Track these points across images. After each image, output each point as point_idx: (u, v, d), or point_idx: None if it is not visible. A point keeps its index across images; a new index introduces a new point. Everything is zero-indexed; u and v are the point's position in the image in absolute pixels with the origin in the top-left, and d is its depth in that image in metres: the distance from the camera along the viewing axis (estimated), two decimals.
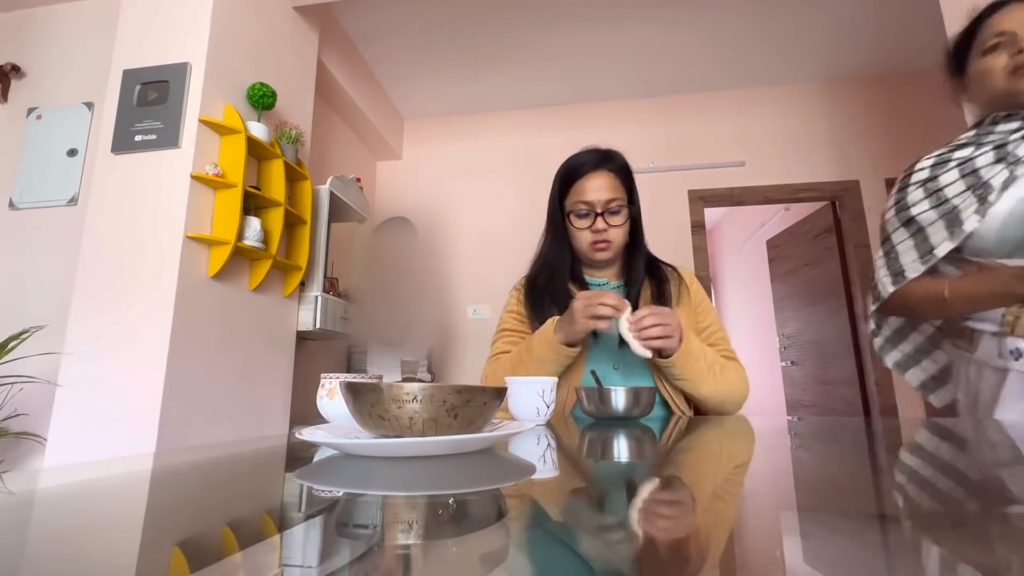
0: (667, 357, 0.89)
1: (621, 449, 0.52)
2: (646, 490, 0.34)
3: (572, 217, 1.07)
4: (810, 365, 3.89)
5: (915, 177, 1.00)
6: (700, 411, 0.99)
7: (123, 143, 1.87)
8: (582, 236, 1.07)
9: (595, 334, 1.00)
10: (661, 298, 1.03)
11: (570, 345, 0.92)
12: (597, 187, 1.05)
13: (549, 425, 0.73)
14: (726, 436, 0.62)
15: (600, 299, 0.87)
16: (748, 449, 0.54)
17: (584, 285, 1.10)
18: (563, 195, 1.10)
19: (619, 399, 0.75)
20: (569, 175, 1.09)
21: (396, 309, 2.72)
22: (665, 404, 0.97)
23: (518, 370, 0.95)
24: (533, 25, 3.05)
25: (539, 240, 1.16)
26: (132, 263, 1.77)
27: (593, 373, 0.87)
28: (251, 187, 2.01)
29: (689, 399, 0.98)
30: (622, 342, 0.89)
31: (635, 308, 0.99)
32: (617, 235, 1.06)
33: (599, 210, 1.04)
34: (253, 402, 2.07)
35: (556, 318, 0.95)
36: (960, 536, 0.23)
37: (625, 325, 0.85)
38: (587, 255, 1.08)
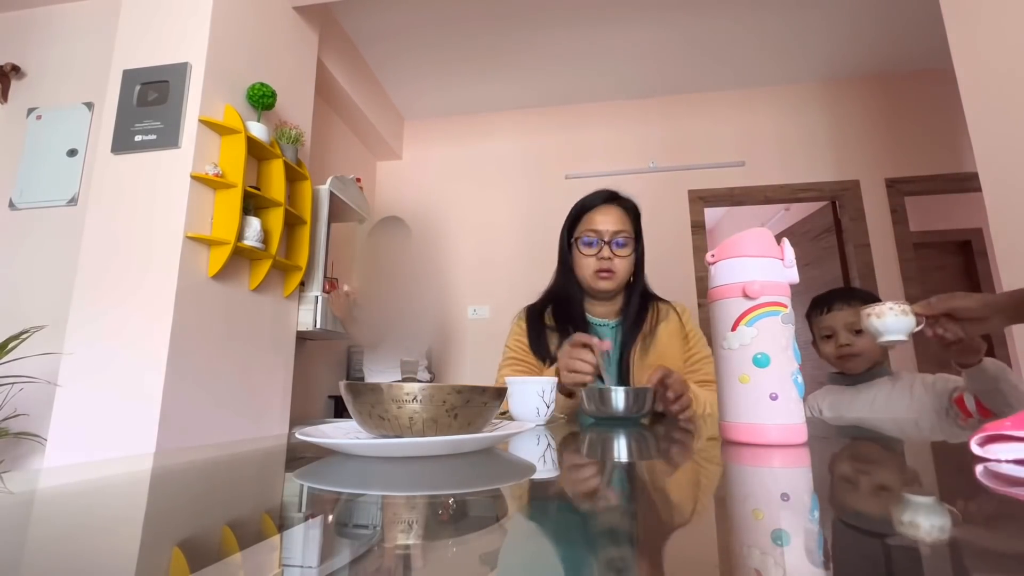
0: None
1: (622, 450, 0.52)
2: (647, 490, 0.34)
3: (579, 244, 1.08)
4: (809, 366, 3.87)
5: None
6: None
7: (123, 143, 1.86)
8: (587, 263, 1.07)
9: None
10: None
11: (568, 395, 0.92)
12: (606, 219, 1.07)
13: (548, 425, 0.73)
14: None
15: (577, 354, 0.86)
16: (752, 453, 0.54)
17: (585, 324, 1.09)
18: (572, 229, 1.12)
19: (619, 399, 0.75)
20: (581, 210, 1.11)
21: (393, 308, 2.72)
22: None
23: None
24: (533, 25, 3.04)
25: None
26: (132, 263, 1.76)
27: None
28: (251, 187, 2.01)
29: None
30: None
31: (625, 348, 1.03)
32: (622, 266, 1.06)
33: (606, 239, 1.05)
34: (253, 402, 2.07)
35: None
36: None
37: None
38: (590, 284, 1.08)
